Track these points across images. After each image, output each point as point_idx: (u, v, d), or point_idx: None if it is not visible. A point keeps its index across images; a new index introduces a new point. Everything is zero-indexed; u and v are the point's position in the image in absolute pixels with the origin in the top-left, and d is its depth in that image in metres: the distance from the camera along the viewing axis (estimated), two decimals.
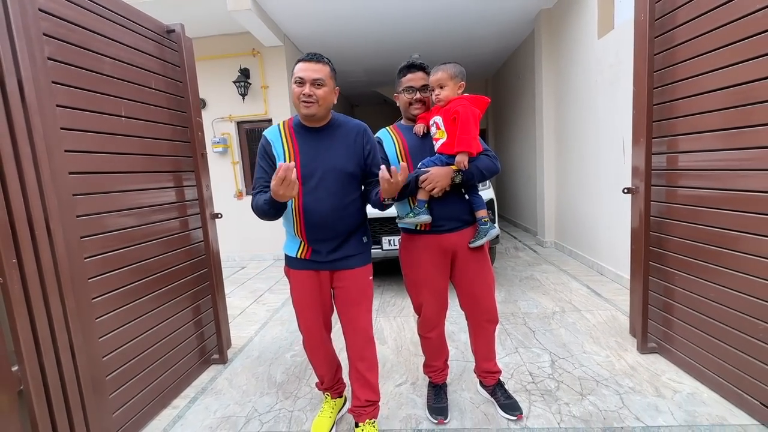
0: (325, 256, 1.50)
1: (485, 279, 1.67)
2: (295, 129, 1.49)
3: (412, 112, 1.65)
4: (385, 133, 1.71)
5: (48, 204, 1.38)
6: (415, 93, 1.61)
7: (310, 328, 1.60)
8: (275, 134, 1.50)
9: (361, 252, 1.56)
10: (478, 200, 1.65)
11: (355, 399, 1.62)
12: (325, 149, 1.46)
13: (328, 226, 1.47)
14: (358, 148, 1.50)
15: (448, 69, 1.54)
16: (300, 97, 1.39)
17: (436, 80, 1.55)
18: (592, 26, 3.67)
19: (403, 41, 5.31)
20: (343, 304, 1.57)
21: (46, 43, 1.44)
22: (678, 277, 1.98)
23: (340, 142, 1.48)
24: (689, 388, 1.84)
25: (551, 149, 4.83)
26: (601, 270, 3.69)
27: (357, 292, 1.56)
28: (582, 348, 2.28)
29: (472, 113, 1.50)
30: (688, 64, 1.82)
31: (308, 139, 1.47)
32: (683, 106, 1.87)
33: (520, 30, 5.19)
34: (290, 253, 1.56)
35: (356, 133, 1.51)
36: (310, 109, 1.40)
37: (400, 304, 3.19)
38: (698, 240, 1.84)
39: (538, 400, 1.83)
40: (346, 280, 1.54)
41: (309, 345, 1.64)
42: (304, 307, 1.58)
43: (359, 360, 1.59)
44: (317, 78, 1.38)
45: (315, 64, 1.39)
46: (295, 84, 1.40)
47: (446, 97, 1.54)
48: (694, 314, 1.89)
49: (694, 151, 1.84)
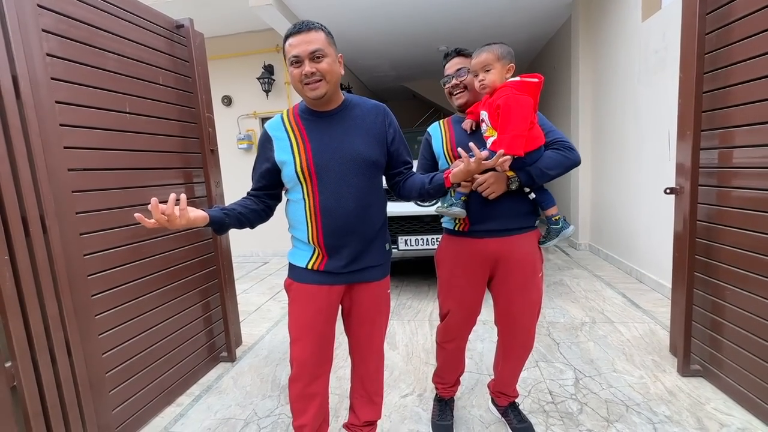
0: (344, 267, 1.23)
1: (529, 297, 1.42)
2: (301, 116, 1.23)
3: (455, 102, 1.45)
4: (435, 127, 1.53)
5: (44, 201, 1.37)
6: (451, 80, 1.43)
7: (305, 358, 1.26)
8: (278, 127, 1.24)
9: (382, 263, 1.32)
10: (544, 197, 1.39)
11: (353, 416, 1.45)
12: (340, 136, 1.20)
13: (351, 228, 1.21)
14: (379, 132, 1.25)
15: (494, 49, 1.29)
16: (302, 79, 1.14)
17: (479, 63, 1.30)
18: (635, 8, 3.33)
19: (429, 32, 5.11)
20: (358, 321, 1.34)
21: (46, 39, 1.43)
22: (728, 291, 1.71)
23: (358, 125, 1.23)
24: (739, 421, 1.59)
25: (587, 143, 4.48)
26: (641, 277, 3.36)
27: (374, 308, 1.34)
28: (612, 366, 2.05)
29: (516, 104, 1.21)
30: (748, 43, 1.55)
31: (319, 125, 1.21)
32: (740, 93, 1.60)
33: (555, 16, 4.84)
34: (298, 264, 1.27)
35: (376, 114, 1.26)
36: (318, 90, 1.14)
37: (416, 307, 3.06)
38: (754, 249, 1.57)
39: (557, 423, 1.64)
40: (362, 294, 1.30)
41: (300, 379, 1.28)
42: (305, 332, 1.26)
43: (369, 382, 1.42)
44: (315, 49, 1.11)
45: (306, 33, 1.12)
46: (292, 66, 1.14)
47: (492, 82, 1.29)
48: (746, 335, 1.63)
49: (751, 146, 1.57)
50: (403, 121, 9.76)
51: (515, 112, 1.20)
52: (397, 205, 3.20)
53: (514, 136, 1.18)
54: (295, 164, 1.18)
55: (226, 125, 4.98)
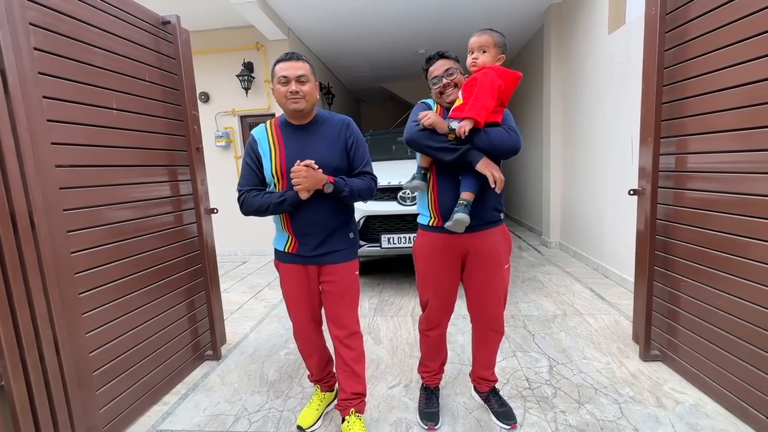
0: (312, 251, 1.53)
1: (495, 286, 1.58)
2: (281, 127, 1.55)
3: (446, 100, 1.53)
4: (432, 101, 1.59)
5: (32, 197, 1.35)
6: (441, 80, 1.51)
7: (300, 320, 1.65)
8: (262, 133, 1.55)
9: (347, 247, 1.59)
10: (467, 181, 1.46)
11: (342, 392, 1.64)
12: (309, 145, 1.50)
13: (313, 220, 1.50)
14: (341, 142, 1.53)
15: (494, 34, 1.43)
16: (287, 95, 1.44)
17: (479, 43, 1.43)
18: (602, 21, 3.56)
19: (409, 36, 5.22)
20: (328, 299, 1.60)
21: (33, 33, 1.41)
22: (684, 283, 1.90)
23: (325, 137, 1.52)
24: (692, 399, 1.77)
25: (558, 147, 4.72)
26: (606, 273, 3.61)
27: (342, 286, 1.58)
28: (582, 354, 2.22)
29: (491, 82, 1.35)
30: (701, 60, 1.73)
31: (293, 135, 1.52)
32: (694, 105, 1.79)
33: (529, 25, 5.07)
34: (279, 247, 1.61)
35: (340, 128, 1.54)
36: (299, 104, 1.45)
37: (398, 303, 3.14)
38: (706, 245, 1.76)
39: (534, 407, 1.77)
40: (331, 274, 1.57)
41: (299, 335, 1.70)
42: (293, 300, 1.62)
43: (345, 350, 1.61)
44: (301, 74, 1.44)
45: (296, 62, 1.45)
46: (280, 84, 1.45)
47: (483, 63, 1.42)
48: (699, 322, 1.82)
49: (704, 152, 1.76)
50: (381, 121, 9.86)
51: (487, 88, 1.35)
52: (380, 205, 3.28)
53: (481, 105, 1.34)
54: (271, 165, 1.50)
55: (204, 122, 4.85)
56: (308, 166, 1.39)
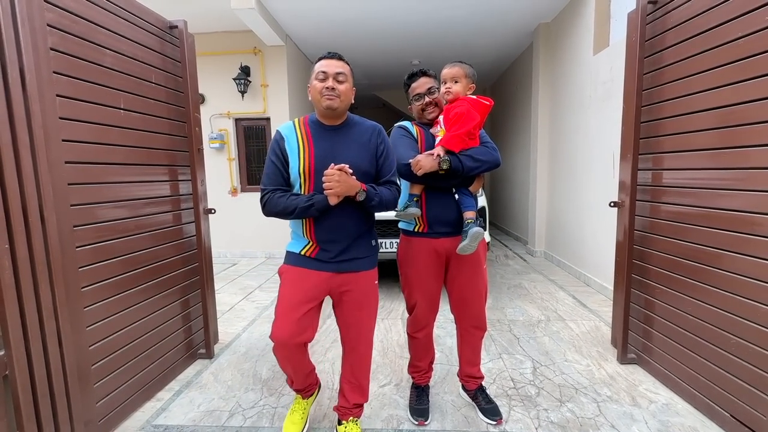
0: (333, 258, 1.46)
1: (476, 285, 1.70)
2: (311, 126, 1.48)
3: (427, 117, 1.66)
4: (409, 124, 1.71)
5: (43, 192, 1.39)
6: (423, 98, 1.64)
7: (286, 332, 1.42)
8: (290, 130, 1.47)
9: (369, 255, 1.53)
10: (466, 200, 1.63)
11: (343, 399, 1.62)
12: (340, 147, 1.45)
13: (340, 226, 1.44)
14: (372, 148, 1.49)
15: (464, 67, 1.59)
16: (322, 91, 1.39)
17: (451, 74, 1.58)
18: (588, 42, 3.76)
19: (403, 47, 5.37)
20: (347, 308, 1.52)
21: (50, 34, 1.46)
22: (658, 290, 2.04)
23: (356, 140, 1.47)
24: (664, 398, 1.90)
25: (545, 160, 4.90)
26: (588, 281, 3.76)
27: (363, 295, 1.52)
28: (564, 356, 2.33)
29: (467, 116, 1.52)
30: (675, 84, 1.89)
31: (324, 136, 1.46)
32: (669, 125, 1.94)
33: (519, 42, 5.28)
34: (293, 250, 1.51)
35: (371, 133, 1.50)
36: (333, 102, 1.39)
37: (389, 307, 3.22)
38: (679, 255, 1.90)
39: (518, 405, 1.87)
40: (352, 283, 1.49)
41: (282, 353, 1.48)
42: (292, 305, 1.43)
43: (359, 369, 1.58)
44: (340, 72, 1.41)
45: (338, 61, 1.43)
46: (317, 80, 1.41)
47: (456, 93, 1.57)
48: (672, 327, 1.95)
49: (678, 169, 1.91)
50: None
51: (463, 121, 1.52)
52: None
53: (454, 136, 1.51)
54: (299, 164, 1.42)
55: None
56: (342, 170, 1.33)
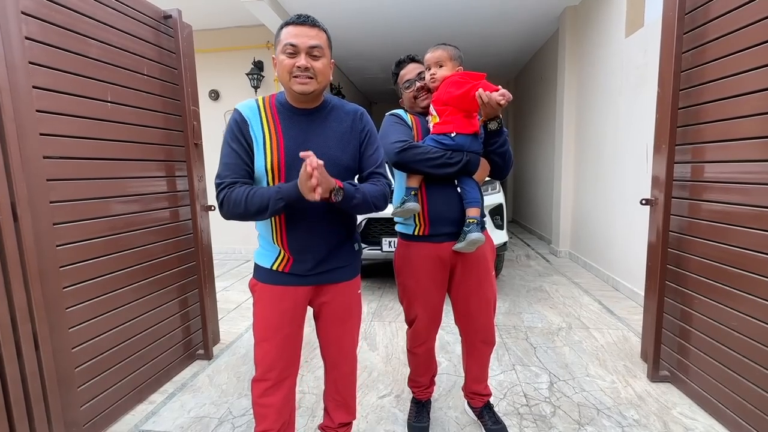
0: (310, 269, 1.20)
1: (484, 296, 1.50)
2: (278, 108, 1.17)
3: (420, 105, 1.50)
4: (402, 112, 1.54)
5: (16, 188, 1.33)
6: (414, 84, 1.49)
7: (273, 363, 1.20)
8: (254, 112, 1.15)
9: (350, 263, 1.29)
10: (470, 193, 1.41)
11: (328, 419, 1.43)
12: (316, 136, 1.16)
13: (317, 232, 1.18)
14: (354, 137, 1.21)
15: (448, 48, 1.42)
16: (292, 71, 1.08)
17: (434, 58, 1.41)
18: (619, 24, 3.44)
19: (420, 38, 5.16)
20: (327, 323, 1.31)
21: (25, 22, 1.39)
22: (697, 300, 1.78)
23: (334, 128, 1.19)
24: (703, 426, 1.65)
25: (570, 154, 4.59)
26: (617, 285, 3.46)
27: (344, 308, 1.30)
28: (586, 370, 2.10)
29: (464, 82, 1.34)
30: (720, 63, 1.62)
31: (295, 122, 1.16)
32: (712, 111, 1.68)
33: (543, 28, 4.95)
34: (263, 264, 1.23)
35: (353, 119, 1.22)
36: (307, 86, 1.09)
37: (398, 309, 3.07)
38: (721, 261, 1.64)
39: (530, 426, 1.68)
40: (331, 294, 1.27)
41: (264, 386, 1.21)
42: (270, 334, 1.20)
43: (343, 386, 1.39)
44: (315, 45, 1.08)
45: (310, 28, 1.08)
46: (285, 54, 1.08)
47: (442, 77, 1.40)
48: (712, 343, 1.70)
49: (722, 161, 1.65)
50: None
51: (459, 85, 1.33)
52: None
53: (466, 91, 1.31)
54: (266, 159, 1.13)
55: (213, 120, 4.91)
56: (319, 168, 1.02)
